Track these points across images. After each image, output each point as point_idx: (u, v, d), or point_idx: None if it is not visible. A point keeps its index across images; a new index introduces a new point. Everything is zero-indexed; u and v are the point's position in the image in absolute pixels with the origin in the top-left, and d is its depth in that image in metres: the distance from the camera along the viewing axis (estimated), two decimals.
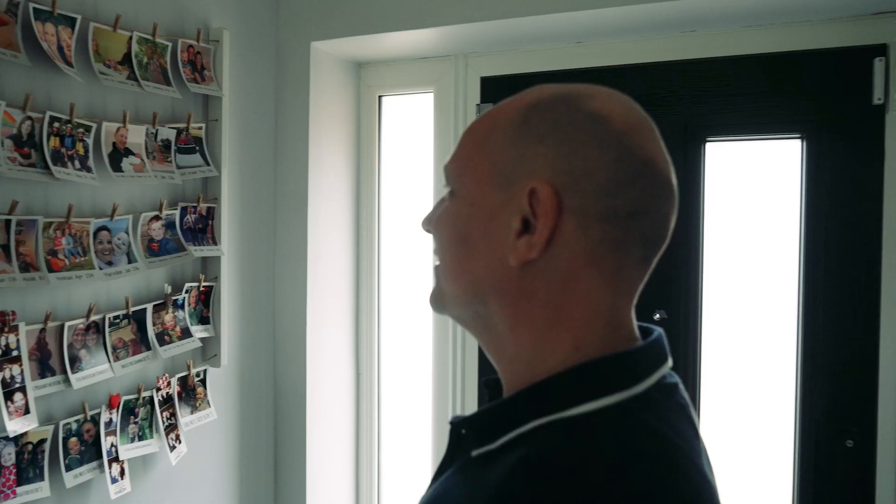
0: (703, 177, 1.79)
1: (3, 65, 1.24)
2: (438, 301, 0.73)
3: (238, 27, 1.79)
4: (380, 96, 2.15)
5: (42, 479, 1.31)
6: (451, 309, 0.73)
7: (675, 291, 1.80)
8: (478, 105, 1.99)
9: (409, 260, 2.13)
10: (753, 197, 1.78)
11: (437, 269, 0.74)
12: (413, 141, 2.13)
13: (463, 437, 0.69)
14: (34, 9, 1.27)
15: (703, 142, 1.78)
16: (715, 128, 1.77)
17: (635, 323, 0.67)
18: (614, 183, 0.61)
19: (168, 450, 1.56)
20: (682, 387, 0.70)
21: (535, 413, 0.61)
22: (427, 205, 2.03)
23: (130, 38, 1.47)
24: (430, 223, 0.73)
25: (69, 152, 1.35)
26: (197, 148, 1.65)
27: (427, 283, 2.03)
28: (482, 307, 0.68)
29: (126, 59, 1.46)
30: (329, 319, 2.03)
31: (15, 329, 1.26)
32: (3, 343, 1.23)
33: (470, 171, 0.68)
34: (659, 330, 0.70)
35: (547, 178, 0.61)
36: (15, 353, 1.25)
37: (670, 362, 0.68)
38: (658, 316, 1.80)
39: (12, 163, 1.24)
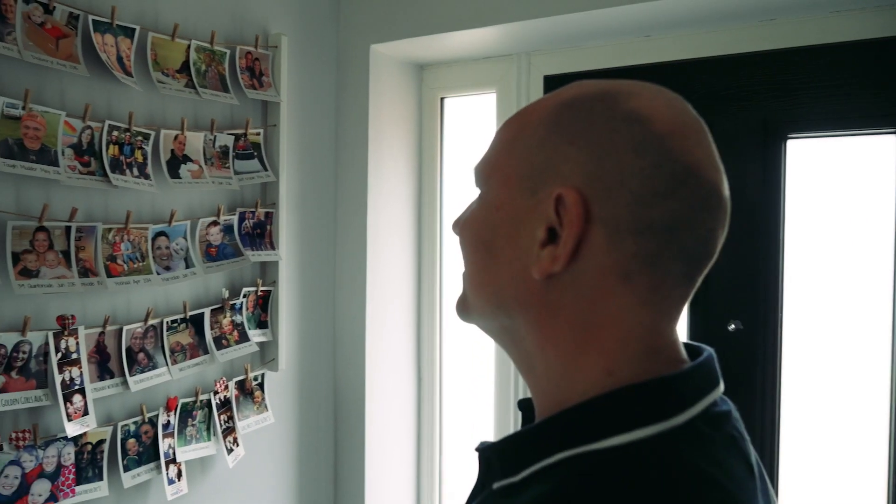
0: (784, 176, 1.65)
1: (64, 76, 1.28)
2: (464, 309, 0.69)
3: (297, 32, 1.79)
4: (442, 98, 2.11)
5: (101, 478, 1.34)
6: (476, 319, 0.68)
7: (752, 299, 1.67)
8: None
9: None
10: (841, 197, 1.63)
11: (463, 275, 0.69)
12: (476, 143, 2.09)
13: (491, 463, 0.64)
14: (93, 21, 1.31)
15: (784, 139, 1.64)
16: (797, 123, 1.63)
17: (681, 345, 0.61)
18: (650, 191, 0.54)
19: (225, 452, 1.58)
20: (735, 416, 0.62)
21: (560, 444, 0.56)
22: None
23: (189, 46, 1.49)
24: (458, 226, 0.69)
25: (128, 160, 1.38)
26: (255, 153, 1.66)
27: None
28: (507, 320, 0.63)
29: (184, 68, 1.49)
30: (390, 324, 2.01)
31: (75, 333, 1.29)
32: (64, 346, 1.27)
33: (497, 173, 0.63)
34: (708, 350, 0.62)
35: (576, 184, 0.56)
36: (74, 356, 1.29)
37: (721, 388, 0.61)
38: (733, 326, 1.68)
39: (72, 171, 1.28)
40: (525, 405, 0.70)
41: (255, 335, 1.67)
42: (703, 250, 0.57)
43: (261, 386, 1.69)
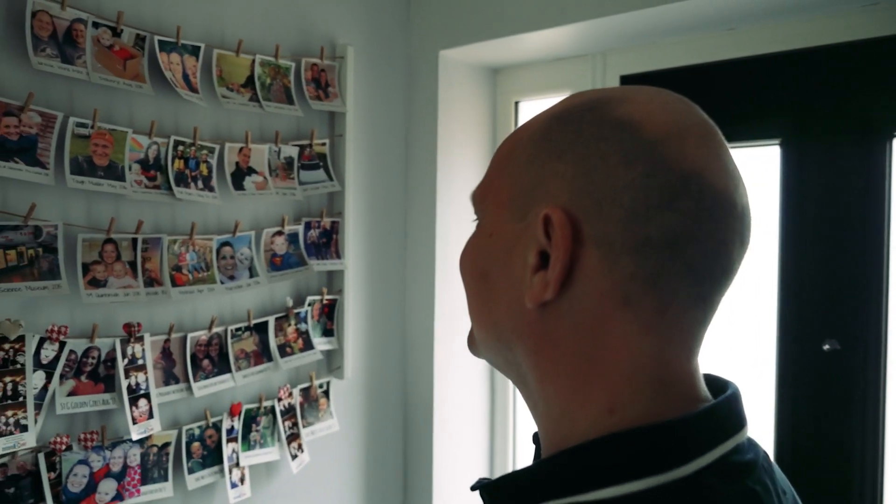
0: (889, 179, 1.47)
1: (131, 95, 1.35)
2: (471, 344, 0.65)
3: (365, 42, 1.80)
4: (516, 102, 2.06)
5: (166, 479, 1.39)
6: (483, 354, 0.64)
7: (851, 316, 1.50)
8: None
9: None
10: None
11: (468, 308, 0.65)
12: None
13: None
14: (159, 41, 1.36)
15: (890, 137, 1.47)
16: None
17: (699, 379, 0.54)
18: (644, 204, 0.49)
19: (290, 458, 1.60)
20: (766, 464, 0.54)
21: (550, 491, 0.51)
22: None
23: (253, 61, 1.53)
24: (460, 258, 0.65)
25: (193, 173, 1.43)
26: (321, 164, 1.68)
27: None
28: (510, 354, 0.58)
29: (249, 82, 1.53)
30: (461, 333, 1.98)
31: (141, 340, 1.35)
32: (130, 352, 1.33)
33: (491, 197, 0.59)
34: (733, 388, 0.55)
35: (564, 202, 0.51)
36: (140, 361, 1.35)
37: (746, 432, 0.53)
38: (828, 346, 1.52)
39: (138, 186, 1.34)
40: (537, 438, 0.66)
41: (321, 343, 1.68)
42: (715, 266, 0.51)
43: (326, 394, 1.71)
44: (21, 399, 1.19)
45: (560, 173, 0.52)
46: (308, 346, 1.65)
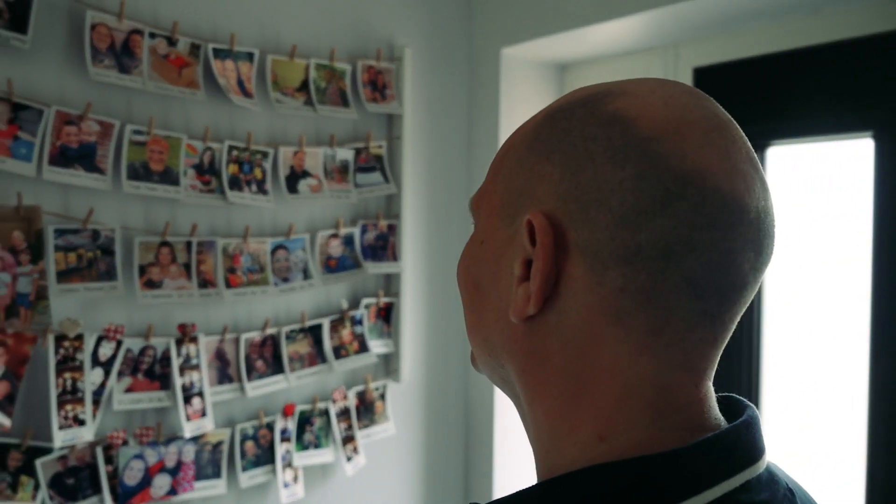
0: None
1: (185, 102, 1.39)
2: (473, 360, 0.61)
3: (423, 43, 1.78)
4: None
5: (219, 477, 1.43)
6: (482, 370, 0.59)
7: None
8: None
9: None
10: None
11: None
12: None
13: None
14: (213, 49, 1.40)
15: None
16: None
17: (710, 405, 0.47)
18: (634, 209, 0.43)
19: (344, 460, 1.61)
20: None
21: None
22: None
23: (308, 65, 1.54)
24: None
25: (247, 177, 1.45)
26: (377, 166, 1.67)
27: None
28: (503, 371, 0.54)
29: (304, 86, 1.54)
30: None
31: (195, 340, 1.39)
32: (184, 352, 1.37)
33: (484, 202, 0.55)
34: (749, 413, 0.48)
35: (549, 206, 0.46)
36: (195, 361, 1.39)
37: (760, 468, 0.46)
38: None
39: (192, 190, 1.37)
40: None
41: (377, 346, 1.68)
42: (721, 280, 0.44)
43: (382, 397, 1.70)
44: (80, 395, 1.25)
45: (547, 175, 0.47)
46: (363, 348, 1.64)
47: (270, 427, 1.51)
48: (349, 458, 1.62)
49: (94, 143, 1.26)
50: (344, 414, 1.63)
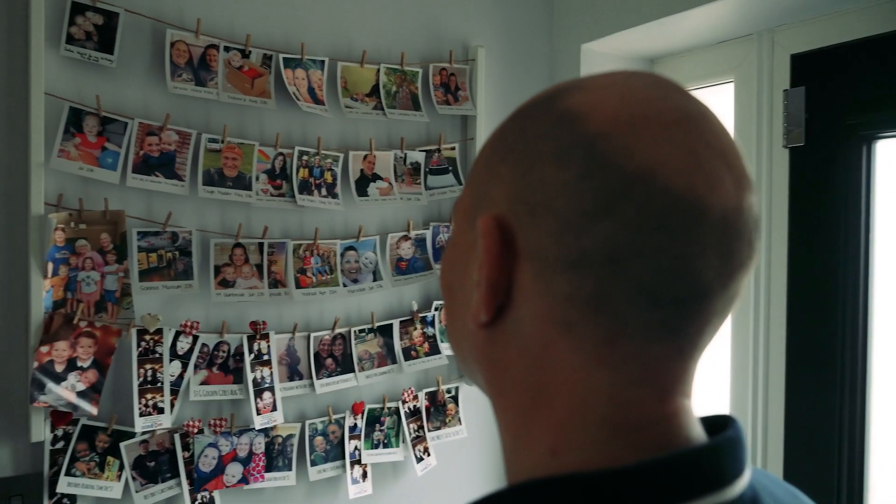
0: None
1: (257, 111, 1.46)
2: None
3: (498, 43, 1.76)
4: None
5: (289, 469, 1.49)
6: (464, 374, 0.60)
7: None
8: (785, 91, 1.57)
9: None
10: None
11: None
12: None
13: None
14: (284, 59, 1.46)
15: None
16: None
17: (683, 424, 0.44)
18: (577, 212, 0.41)
19: (414, 460, 1.62)
20: None
21: None
22: None
23: (378, 70, 1.57)
24: None
25: (317, 181, 1.51)
26: (450, 168, 1.68)
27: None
28: (477, 377, 0.54)
29: (374, 91, 1.57)
30: None
31: (266, 337, 1.46)
32: (256, 348, 1.45)
33: (460, 204, 0.56)
34: (725, 435, 0.44)
35: (502, 209, 0.45)
36: (266, 357, 1.46)
37: (729, 492, 0.43)
38: None
39: (264, 194, 1.44)
40: None
41: (447, 348, 1.68)
42: (677, 287, 0.41)
43: (454, 399, 1.70)
44: (159, 385, 1.35)
45: (502, 177, 0.46)
46: (434, 350, 1.65)
47: (340, 424, 1.55)
48: (419, 459, 1.63)
49: (174, 152, 1.36)
50: (414, 414, 1.64)
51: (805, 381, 1.50)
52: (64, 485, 1.26)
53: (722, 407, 1.70)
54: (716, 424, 0.48)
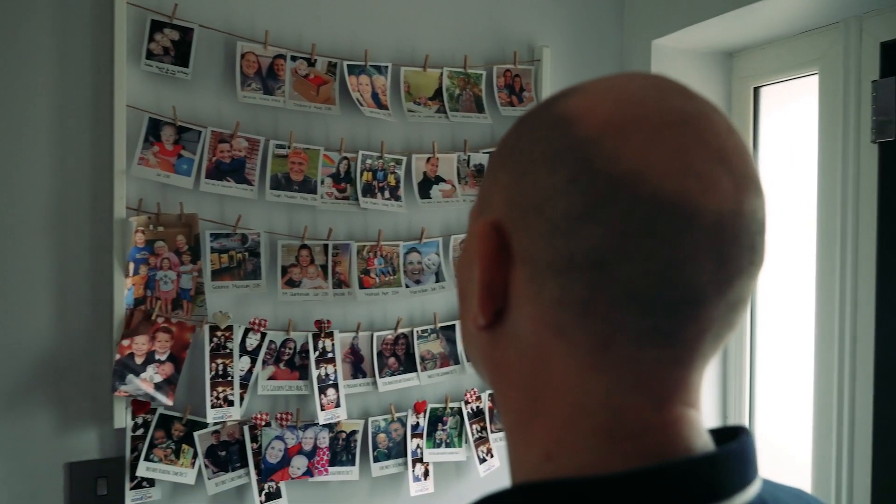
0: None
1: (323, 117, 1.51)
2: None
3: (565, 42, 1.74)
4: (755, 88, 1.78)
5: (353, 464, 1.53)
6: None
7: None
8: (874, 82, 1.46)
9: (795, 277, 1.70)
10: None
11: None
12: (794, 138, 1.70)
13: None
14: (348, 66, 1.50)
15: None
16: None
17: (683, 433, 0.43)
18: (565, 215, 0.42)
19: (477, 461, 1.63)
20: None
21: None
22: (811, 210, 1.59)
23: (441, 73, 1.59)
24: None
25: (380, 184, 1.54)
26: None
27: (810, 310, 1.58)
28: (486, 379, 0.56)
29: (437, 94, 1.59)
30: None
31: (330, 335, 1.51)
32: (321, 346, 1.50)
33: (472, 210, 0.57)
34: (729, 447, 0.43)
35: (500, 213, 0.47)
36: (330, 355, 1.51)
37: None
38: None
39: (329, 197, 1.49)
40: None
41: None
42: (668, 293, 0.40)
43: None
44: (230, 379, 1.42)
45: (501, 181, 0.47)
46: None
47: (402, 422, 1.58)
48: (482, 460, 1.64)
49: (244, 158, 1.43)
50: (477, 415, 1.65)
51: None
52: (143, 469, 1.35)
53: (805, 416, 1.61)
54: (729, 436, 0.46)
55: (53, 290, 1.31)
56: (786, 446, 1.70)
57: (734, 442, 0.43)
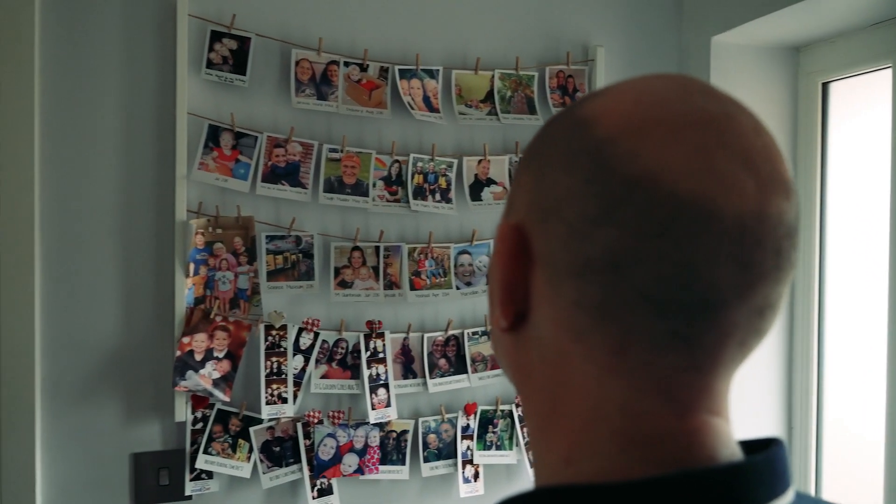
0: None
1: (374, 121, 1.53)
2: None
3: (618, 41, 1.71)
4: (823, 83, 1.70)
5: (403, 463, 1.55)
6: None
7: None
8: None
9: (871, 284, 1.61)
10: None
11: None
12: (870, 134, 1.62)
13: None
14: (399, 70, 1.52)
15: None
16: None
17: (706, 442, 0.42)
18: (581, 217, 0.41)
19: (528, 464, 1.62)
20: None
21: None
22: (884, 211, 1.51)
23: (492, 76, 1.59)
24: None
25: (431, 187, 1.56)
26: None
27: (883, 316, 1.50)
28: (512, 381, 0.56)
29: (489, 97, 1.59)
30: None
31: (382, 336, 1.53)
32: (372, 346, 1.52)
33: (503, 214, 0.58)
34: (757, 457, 0.42)
35: (521, 216, 0.47)
36: (381, 355, 1.53)
37: None
38: None
39: (380, 200, 1.52)
40: None
41: None
42: (685, 296, 0.39)
43: None
44: (284, 377, 1.46)
45: (524, 185, 0.48)
46: None
47: (452, 423, 1.59)
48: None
49: (298, 162, 1.47)
50: None
51: None
52: (202, 461, 1.41)
53: (877, 422, 1.53)
54: (762, 448, 0.45)
55: (120, 290, 1.38)
56: (860, 437, 1.62)
57: (762, 453, 0.42)
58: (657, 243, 0.39)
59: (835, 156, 1.70)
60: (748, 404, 1.71)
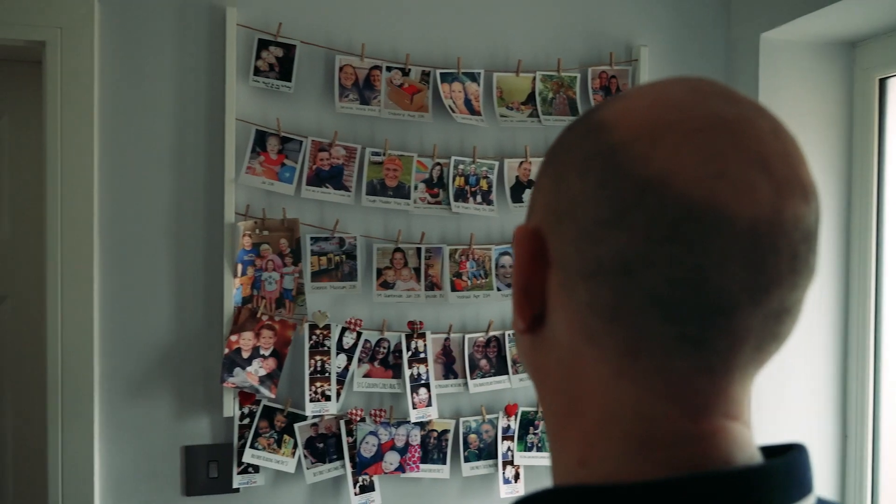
0: None
1: (416, 124, 1.56)
2: None
3: (663, 41, 1.68)
4: (881, 79, 1.64)
5: (444, 463, 1.57)
6: None
7: None
8: None
9: None
10: None
11: None
12: None
13: None
14: (441, 74, 1.54)
15: None
16: None
17: (722, 446, 0.42)
18: (593, 220, 0.42)
19: None
20: None
21: None
22: None
23: (534, 78, 1.59)
24: None
25: (472, 189, 1.57)
26: None
27: None
28: (532, 383, 0.58)
29: (530, 99, 1.59)
30: (803, 361, 1.67)
31: (423, 336, 1.55)
32: (413, 346, 1.55)
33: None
34: (781, 461, 0.42)
35: (539, 219, 0.48)
36: (422, 355, 1.55)
37: None
38: None
39: (422, 202, 1.54)
40: None
41: None
42: (696, 300, 0.40)
43: None
44: (327, 375, 1.50)
45: (542, 188, 0.49)
46: None
47: (493, 424, 1.59)
48: None
49: (342, 166, 1.50)
50: None
51: None
52: (248, 456, 1.46)
53: None
54: (782, 453, 0.44)
55: (172, 290, 1.44)
56: None
57: (780, 458, 0.42)
58: (668, 247, 0.39)
59: (893, 155, 1.63)
60: (801, 412, 1.66)
